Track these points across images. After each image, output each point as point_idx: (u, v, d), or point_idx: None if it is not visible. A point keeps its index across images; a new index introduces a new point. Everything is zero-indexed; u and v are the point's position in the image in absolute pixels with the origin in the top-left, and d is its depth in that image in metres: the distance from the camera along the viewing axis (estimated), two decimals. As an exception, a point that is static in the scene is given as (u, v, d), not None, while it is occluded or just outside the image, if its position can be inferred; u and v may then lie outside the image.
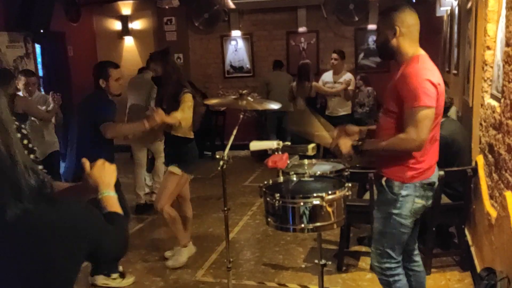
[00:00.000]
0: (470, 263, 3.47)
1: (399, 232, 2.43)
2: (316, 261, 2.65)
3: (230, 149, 2.84)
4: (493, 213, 2.82)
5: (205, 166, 6.32)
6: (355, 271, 3.64)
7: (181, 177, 3.72)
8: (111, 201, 1.46)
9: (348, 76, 6.17)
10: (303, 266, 3.81)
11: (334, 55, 6.18)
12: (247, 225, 4.81)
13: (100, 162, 1.55)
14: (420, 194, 2.38)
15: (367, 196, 3.54)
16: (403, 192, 2.36)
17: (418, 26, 2.37)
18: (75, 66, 8.05)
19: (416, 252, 2.69)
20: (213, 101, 3.35)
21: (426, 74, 2.24)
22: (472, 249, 3.57)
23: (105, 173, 1.52)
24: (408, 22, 2.33)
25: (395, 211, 2.39)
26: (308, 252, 4.03)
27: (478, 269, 3.22)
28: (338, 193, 2.25)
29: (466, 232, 3.73)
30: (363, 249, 3.97)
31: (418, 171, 2.35)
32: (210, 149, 8.03)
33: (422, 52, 2.37)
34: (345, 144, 2.44)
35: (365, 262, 3.74)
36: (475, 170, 3.41)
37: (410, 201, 2.37)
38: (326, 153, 6.13)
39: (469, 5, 4.13)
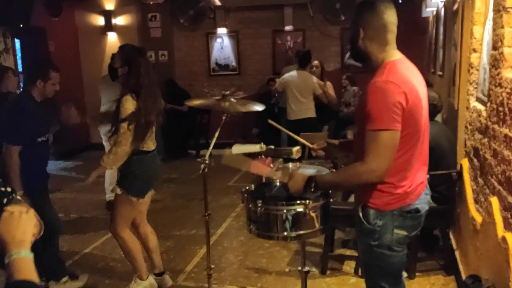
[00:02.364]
0: (454, 267, 3.45)
1: (386, 263, 2.06)
2: (300, 268, 2.58)
3: (215, 148, 2.77)
4: (478, 218, 2.80)
5: (188, 166, 6.23)
6: (339, 275, 3.59)
7: (126, 198, 3.07)
8: (24, 265, 1.10)
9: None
10: (287, 270, 3.75)
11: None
12: (230, 227, 4.73)
13: (8, 212, 1.15)
14: (400, 224, 1.99)
15: (352, 199, 3.49)
16: (379, 222, 1.99)
17: (392, 26, 1.97)
18: (56, 62, 7.80)
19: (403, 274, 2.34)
20: (195, 103, 3.24)
21: (392, 88, 1.83)
22: (457, 253, 3.55)
23: (18, 226, 1.12)
24: (376, 23, 1.95)
25: (374, 243, 2.02)
26: (292, 255, 3.97)
27: (463, 273, 3.20)
28: (322, 200, 2.17)
29: (451, 236, 3.72)
30: (347, 252, 3.92)
31: (395, 197, 1.97)
32: (194, 147, 7.95)
33: (397, 56, 1.98)
34: (297, 181, 2.04)
35: (349, 265, 3.69)
36: (460, 174, 3.39)
37: (389, 231, 2.00)
38: (311, 156, 6.11)
39: (455, 6, 4.11)
